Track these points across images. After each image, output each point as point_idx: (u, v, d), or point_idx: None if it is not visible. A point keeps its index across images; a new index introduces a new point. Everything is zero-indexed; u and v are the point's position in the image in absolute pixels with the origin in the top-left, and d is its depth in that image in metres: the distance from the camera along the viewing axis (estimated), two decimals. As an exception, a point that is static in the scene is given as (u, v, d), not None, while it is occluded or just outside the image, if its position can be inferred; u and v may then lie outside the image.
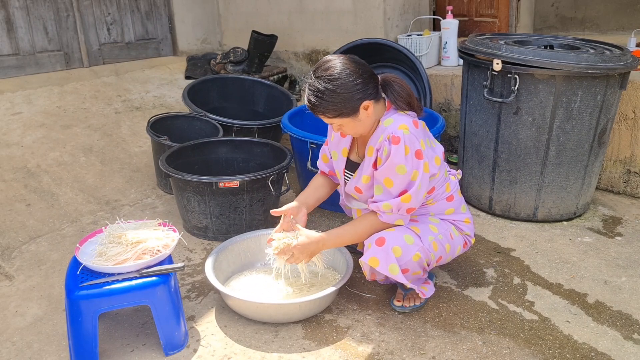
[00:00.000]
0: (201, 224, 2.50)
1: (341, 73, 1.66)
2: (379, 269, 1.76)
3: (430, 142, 1.83)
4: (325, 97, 1.66)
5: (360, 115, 1.72)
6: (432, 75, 3.53)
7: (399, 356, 1.73)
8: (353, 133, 1.80)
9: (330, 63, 1.69)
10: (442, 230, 1.90)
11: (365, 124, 1.75)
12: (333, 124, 1.76)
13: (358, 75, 1.67)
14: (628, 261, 2.27)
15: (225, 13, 4.85)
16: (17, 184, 2.95)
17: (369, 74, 1.72)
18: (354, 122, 1.73)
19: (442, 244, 1.88)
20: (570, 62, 2.29)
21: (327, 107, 1.68)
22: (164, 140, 2.84)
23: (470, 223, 2.00)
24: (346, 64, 1.68)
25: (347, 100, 1.67)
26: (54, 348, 1.82)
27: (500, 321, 1.89)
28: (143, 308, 1.95)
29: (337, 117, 1.71)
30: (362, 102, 1.69)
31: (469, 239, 2.01)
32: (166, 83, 4.34)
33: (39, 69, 3.95)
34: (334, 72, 1.66)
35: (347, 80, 1.66)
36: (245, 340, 1.82)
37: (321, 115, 1.73)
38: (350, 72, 1.67)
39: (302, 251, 1.79)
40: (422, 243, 1.81)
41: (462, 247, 1.99)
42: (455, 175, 2.05)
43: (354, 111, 1.70)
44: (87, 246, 1.80)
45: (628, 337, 1.80)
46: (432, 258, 1.85)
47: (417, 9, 4.10)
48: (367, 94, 1.70)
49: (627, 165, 2.87)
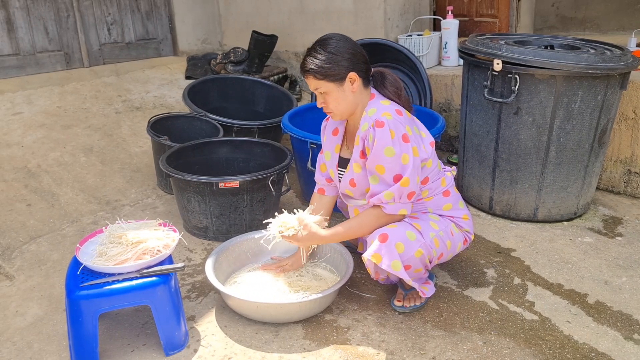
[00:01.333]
0: (201, 224, 2.50)
1: (338, 40, 1.80)
2: (381, 265, 1.76)
3: (420, 131, 1.89)
4: (320, 56, 1.77)
5: (345, 87, 1.79)
6: (432, 75, 3.53)
7: (399, 356, 1.73)
8: (335, 107, 1.84)
9: (331, 34, 1.84)
10: (442, 226, 1.90)
11: (349, 100, 1.82)
12: (319, 88, 1.81)
13: (352, 48, 1.80)
14: (628, 261, 2.27)
15: (225, 13, 4.85)
16: (17, 184, 2.95)
17: (362, 55, 1.83)
18: (338, 92, 1.80)
19: (443, 240, 1.89)
20: (571, 62, 2.29)
21: (318, 64, 1.77)
22: (164, 141, 2.84)
23: (469, 219, 2.01)
24: (345, 37, 1.83)
25: (336, 62, 1.76)
26: (54, 348, 1.82)
27: (500, 321, 1.89)
28: (143, 308, 1.95)
29: (323, 79, 1.78)
30: (350, 72, 1.77)
31: (469, 236, 2.02)
32: (166, 83, 4.34)
33: (39, 69, 3.95)
34: (332, 37, 1.81)
35: (341, 45, 1.78)
36: (245, 340, 1.82)
37: (310, 76, 1.80)
38: (346, 42, 1.80)
39: (304, 243, 1.88)
40: (424, 239, 1.81)
41: (463, 244, 1.99)
42: (450, 171, 2.06)
43: (340, 77, 1.78)
44: (88, 246, 1.80)
45: (628, 337, 1.80)
46: (434, 254, 1.86)
47: (417, 9, 4.10)
48: (357, 68, 1.79)
49: (628, 165, 2.87)
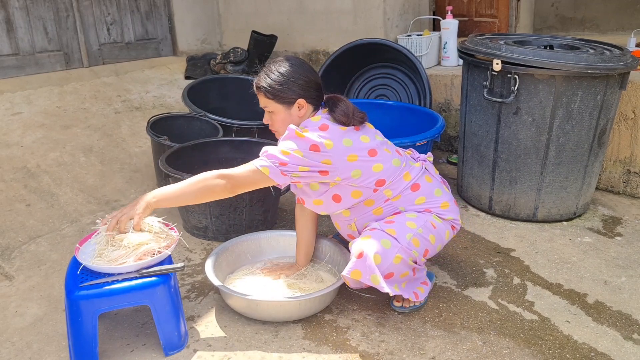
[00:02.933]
0: (201, 224, 2.50)
1: (294, 65, 1.84)
2: (362, 280, 1.76)
3: (367, 138, 1.85)
4: (273, 76, 1.83)
5: (292, 111, 1.85)
6: (432, 76, 3.53)
7: (399, 356, 1.73)
8: (279, 127, 1.89)
9: (291, 57, 1.89)
10: (420, 223, 1.85)
11: (294, 123, 1.85)
12: (267, 107, 1.87)
13: (306, 76, 1.85)
14: (628, 261, 2.27)
15: (225, 13, 4.85)
16: (17, 184, 2.95)
17: (316, 83, 1.88)
18: (285, 114, 1.85)
19: (424, 236, 1.84)
20: (570, 62, 2.29)
21: (271, 86, 1.82)
22: (164, 141, 2.84)
23: (450, 206, 1.95)
24: (303, 64, 1.88)
25: (287, 86, 1.82)
26: (53, 348, 1.82)
27: (500, 321, 1.89)
28: (143, 308, 1.95)
29: (273, 99, 1.84)
30: (299, 98, 1.83)
31: (456, 222, 1.97)
32: (166, 83, 4.34)
33: (38, 69, 3.95)
34: (289, 62, 1.85)
35: (296, 71, 1.83)
36: (245, 340, 1.82)
37: (261, 94, 1.86)
38: (302, 70, 1.85)
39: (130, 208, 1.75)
40: (400, 244, 1.77)
41: (451, 230, 1.95)
42: (425, 159, 2.02)
43: (289, 101, 1.83)
44: (87, 246, 1.79)
45: (628, 337, 1.80)
46: (416, 255, 1.81)
47: (417, 9, 4.10)
48: (307, 95, 1.85)
49: (627, 165, 2.87)
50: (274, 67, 1.84)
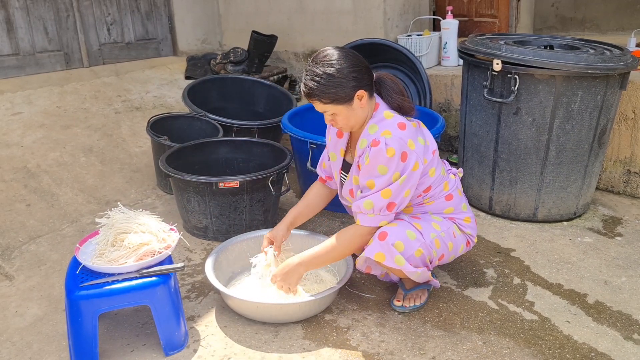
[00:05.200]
0: (201, 224, 2.50)
1: (339, 59, 1.70)
2: (385, 264, 1.76)
3: (425, 140, 1.84)
4: (323, 81, 1.69)
5: (354, 105, 1.74)
6: (432, 76, 3.53)
7: (399, 356, 1.73)
8: (344, 124, 1.80)
9: (328, 51, 1.74)
10: (444, 228, 1.90)
11: (358, 115, 1.77)
12: (327, 111, 1.76)
13: (354, 64, 1.72)
14: (628, 261, 2.27)
15: (225, 13, 4.85)
16: (17, 184, 2.95)
17: (365, 66, 1.76)
18: (347, 111, 1.74)
19: (445, 241, 1.88)
20: (570, 62, 2.29)
21: (324, 91, 1.70)
22: (164, 141, 2.84)
23: (472, 222, 2.00)
24: (344, 52, 1.74)
25: (343, 86, 1.69)
26: (53, 348, 1.82)
27: (500, 321, 1.89)
28: (143, 308, 1.95)
29: (331, 103, 1.72)
30: (357, 90, 1.71)
31: (472, 239, 2.01)
32: (166, 83, 4.34)
33: (39, 69, 3.95)
34: (332, 58, 1.71)
35: (344, 66, 1.70)
36: (245, 340, 1.82)
37: (317, 101, 1.74)
38: (347, 59, 1.71)
39: (284, 280, 1.85)
40: (424, 239, 1.81)
41: (465, 246, 1.99)
42: (456, 173, 2.04)
43: (348, 98, 1.72)
44: (87, 246, 1.80)
45: (628, 337, 1.80)
46: (434, 255, 1.85)
47: (417, 9, 4.10)
48: (363, 84, 1.73)
49: (627, 165, 2.87)
50: (319, 70, 1.70)
